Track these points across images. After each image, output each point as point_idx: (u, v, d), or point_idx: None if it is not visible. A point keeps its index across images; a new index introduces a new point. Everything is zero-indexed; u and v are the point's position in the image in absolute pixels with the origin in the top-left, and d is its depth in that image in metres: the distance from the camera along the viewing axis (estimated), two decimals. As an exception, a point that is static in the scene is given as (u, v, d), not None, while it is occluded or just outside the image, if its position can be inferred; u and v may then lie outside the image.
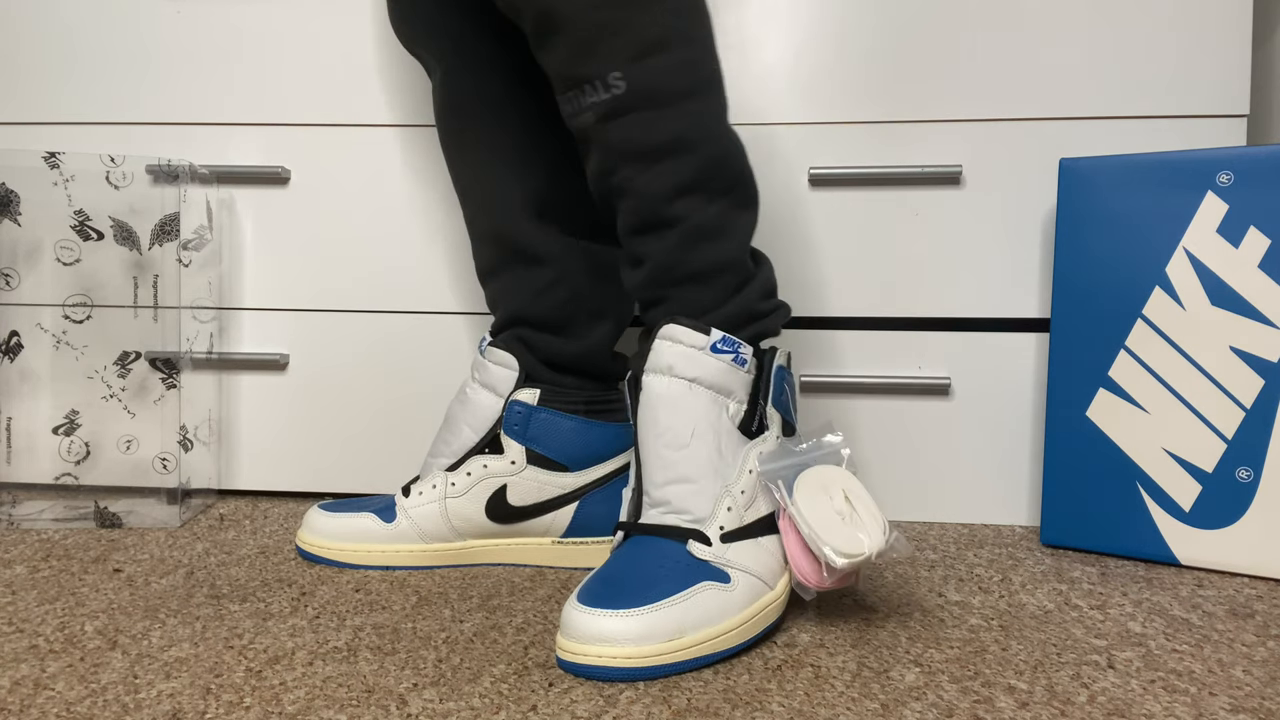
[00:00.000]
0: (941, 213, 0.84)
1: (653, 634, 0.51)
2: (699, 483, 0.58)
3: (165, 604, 0.62)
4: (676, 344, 0.60)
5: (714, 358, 0.60)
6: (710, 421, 0.59)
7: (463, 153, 0.74)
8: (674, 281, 0.62)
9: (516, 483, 0.70)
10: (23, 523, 0.80)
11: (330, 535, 0.71)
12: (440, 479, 0.71)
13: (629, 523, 0.59)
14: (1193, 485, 0.72)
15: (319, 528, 0.72)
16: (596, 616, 0.51)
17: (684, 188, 0.61)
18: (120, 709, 0.47)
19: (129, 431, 0.82)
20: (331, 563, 0.71)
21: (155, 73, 0.89)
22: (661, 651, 0.51)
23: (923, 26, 0.83)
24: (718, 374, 0.60)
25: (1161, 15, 0.81)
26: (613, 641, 0.51)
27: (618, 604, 0.52)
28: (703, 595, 0.54)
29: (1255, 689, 0.51)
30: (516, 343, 0.73)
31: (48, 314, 0.81)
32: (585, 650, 0.51)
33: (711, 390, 0.60)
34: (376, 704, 0.48)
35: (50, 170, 0.80)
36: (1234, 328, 0.70)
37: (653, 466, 0.59)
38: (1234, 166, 0.70)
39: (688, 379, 0.59)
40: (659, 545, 0.57)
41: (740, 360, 0.60)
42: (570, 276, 0.73)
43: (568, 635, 0.52)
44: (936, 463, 0.85)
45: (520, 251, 0.73)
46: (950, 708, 0.48)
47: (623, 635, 0.51)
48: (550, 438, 0.71)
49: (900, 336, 0.85)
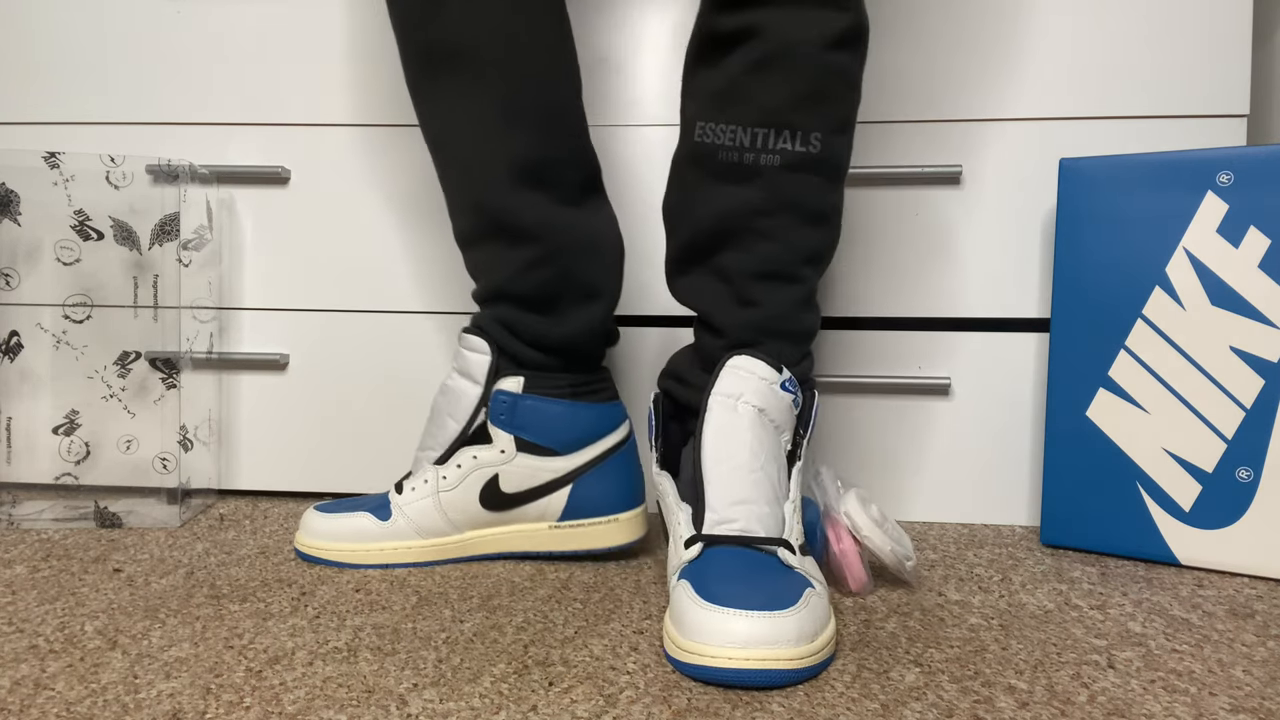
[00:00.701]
0: (941, 213, 0.84)
1: (804, 634, 0.50)
2: (765, 505, 0.59)
3: (165, 604, 0.62)
4: (751, 375, 0.63)
5: (781, 394, 0.64)
6: (772, 450, 0.62)
7: (434, 103, 0.68)
8: (779, 333, 0.67)
9: (508, 471, 0.70)
10: (23, 523, 0.80)
11: (328, 536, 0.71)
12: (431, 473, 0.71)
13: (710, 535, 0.58)
14: (1193, 485, 0.72)
15: (316, 529, 0.71)
16: (750, 619, 0.49)
17: (818, 256, 0.67)
18: (120, 709, 0.47)
19: (129, 431, 0.82)
20: (331, 563, 0.71)
21: (155, 73, 0.89)
22: (812, 652, 0.51)
23: (923, 26, 0.83)
24: (780, 409, 0.63)
25: (1161, 15, 0.81)
26: (775, 644, 0.49)
27: (762, 606, 0.50)
28: (814, 600, 0.54)
29: (1255, 689, 0.51)
30: (496, 325, 0.70)
31: (48, 314, 0.81)
32: (746, 655, 0.49)
33: (773, 422, 0.63)
34: (376, 704, 0.48)
35: (50, 170, 0.80)
36: (1234, 328, 0.70)
37: (721, 485, 0.60)
38: (1234, 166, 0.70)
39: (757, 408, 0.62)
40: (749, 554, 0.57)
41: (797, 402, 0.65)
42: (559, 253, 0.68)
43: (709, 639, 0.49)
44: (936, 463, 0.85)
45: (501, 225, 0.68)
46: (950, 708, 0.48)
47: (783, 637, 0.49)
48: (538, 424, 0.70)
49: (900, 336, 0.85)
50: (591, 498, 0.71)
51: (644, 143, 0.86)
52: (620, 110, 0.86)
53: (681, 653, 0.51)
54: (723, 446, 0.61)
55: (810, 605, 0.52)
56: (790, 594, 0.52)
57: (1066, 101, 0.82)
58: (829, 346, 0.86)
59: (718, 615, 0.50)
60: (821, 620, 0.53)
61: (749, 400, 0.62)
